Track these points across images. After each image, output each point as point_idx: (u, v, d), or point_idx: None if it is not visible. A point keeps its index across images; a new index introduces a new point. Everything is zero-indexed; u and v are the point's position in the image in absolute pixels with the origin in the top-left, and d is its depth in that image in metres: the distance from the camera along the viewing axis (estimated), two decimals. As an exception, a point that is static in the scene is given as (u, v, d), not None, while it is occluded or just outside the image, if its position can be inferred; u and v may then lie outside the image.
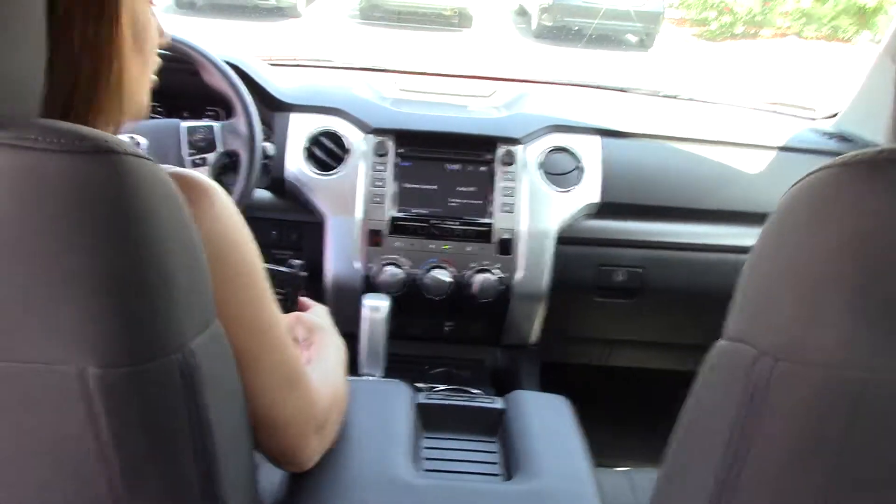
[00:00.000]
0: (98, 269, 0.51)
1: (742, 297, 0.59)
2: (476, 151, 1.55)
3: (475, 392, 1.39)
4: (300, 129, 1.56)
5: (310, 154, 1.55)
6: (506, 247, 1.51)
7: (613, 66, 8.08)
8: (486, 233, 1.51)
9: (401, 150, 1.54)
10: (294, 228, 1.56)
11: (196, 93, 1.44)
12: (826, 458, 0.52)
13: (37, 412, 0.54)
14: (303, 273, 1.05)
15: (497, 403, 1.15)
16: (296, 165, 1.54)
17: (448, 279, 1.49)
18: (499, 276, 1.50)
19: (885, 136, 0.63)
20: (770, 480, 0.55)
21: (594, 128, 1.61)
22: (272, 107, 1.58)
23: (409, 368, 1.54)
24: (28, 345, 0.51)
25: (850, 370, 0.50)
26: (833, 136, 1.71)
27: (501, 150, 1.54)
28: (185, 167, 1.36)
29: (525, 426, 1.07)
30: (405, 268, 1.50)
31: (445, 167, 1.54)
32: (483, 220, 1.52)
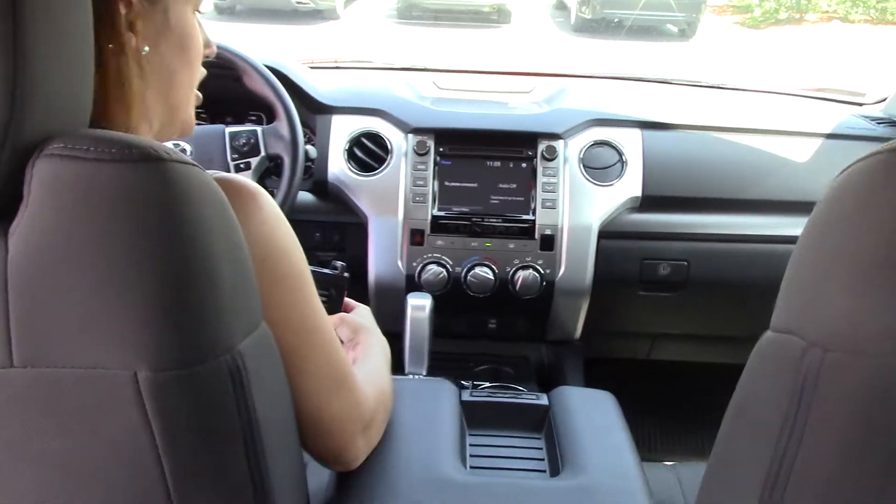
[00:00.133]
0: (148, 275, 0.52)
1: (789, 288, 0.59)
2: (517, 148, 1.54)
3: (520, 389, 1.39)
4: (341, 131, 1.57)
5: (351, 155, 1.56)
6: (548, 243, 1.51)
7: (654, 58, 7.99)
8: (528, 229, 1.51)
9: (441, 149, 1.54)
10: (337, 230, 1.57)
11: (238, 98, 1.46)
12: (879, 448, 0.52)
13: (94, 416, 0.55)
14: (346, 274, 1.06)
15: (542, 400, 1.14)
16: (338, 167, 1.55)
17: (491, 277, 1.49)
18: (542, 273, 1.50)
19: None
20: (822, 472, 0.54)
21: (635, 120, 1.60)
22: (313, 109, 1.59)
23: (454, 366, 1.55)
24: (84, 351, 0.53)
25: None
26: (882, 122, 1.67)
27: (542, 146, 1.53)
28: (230, 172, 1.39)
29: (570, 422, 1.07)
30: (448, 266, 1.50)
31: (486, 164, 1.54)
32: (525, 217, 1.51)
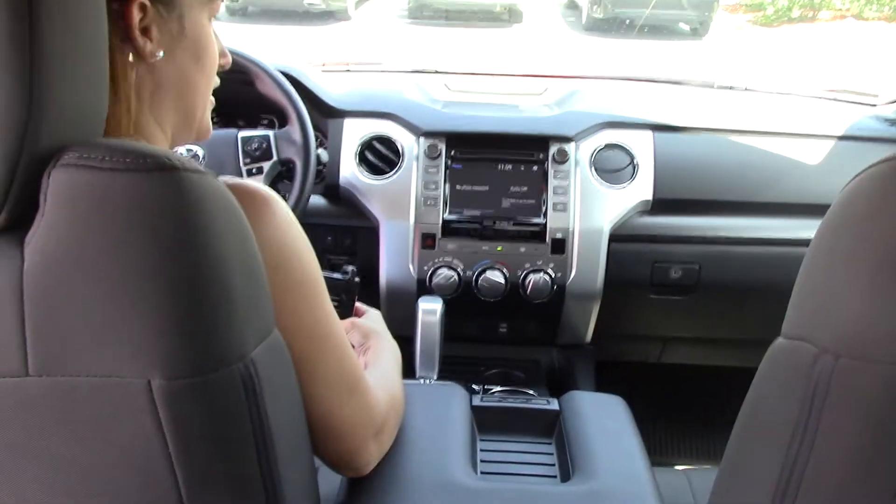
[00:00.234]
0: (162, 284, 0.53)
1: (800, 294, 0.58)
2: (528, 151, 1.54)
3: (530, 393, 1.39)
4: (353, 135, 1.57)
5: (363, 159, 1.56)
6: (559, 246, 1.50)
7: (667, 57, 7.95)
8: (540, 233, 1.51)
9: (452, 152, 1.54)
10: (348, 234, 1.57)
11: (250, 102, 1.46)
12: (890, 455, 0.52)
13: (108, 424, 0.56)
14: (357, 279, 1.06)
15: (552, 405, 1.14)
16: (349, 171, 1.55)
17: (501, 281, 1.49)
18: (552, 276, 1.50)
19: None
20: (834, 479, 0.54)
21: (647, 123, 1.60)
22: (325, 113, 1.60)
23: (464, 370, 1.55)
24: (99, 359, 0.53)
25: None
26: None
27: (554, 149, 1.53)
28: (242, 176, 1.40)
29: (581, 427, 1.07)
30: (459, 270, 1.50)
31: (497, 168, 1.54)
32: (536, 220, 1.51)
